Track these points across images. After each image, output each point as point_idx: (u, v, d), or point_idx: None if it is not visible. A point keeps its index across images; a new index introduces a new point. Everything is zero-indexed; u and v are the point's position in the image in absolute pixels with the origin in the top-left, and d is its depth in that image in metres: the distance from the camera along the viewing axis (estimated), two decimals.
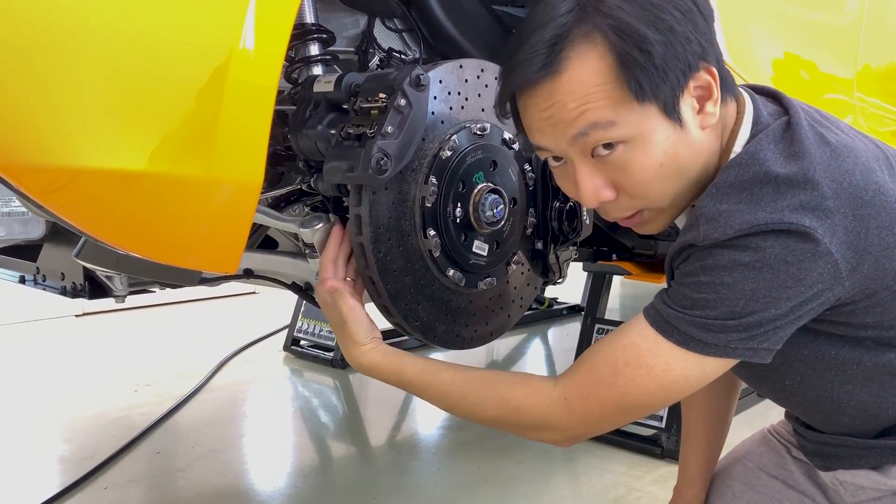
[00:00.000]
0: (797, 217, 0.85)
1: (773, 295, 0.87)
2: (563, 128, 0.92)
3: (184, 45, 0.89)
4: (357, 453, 2.47)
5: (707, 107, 0.93)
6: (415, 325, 1.20)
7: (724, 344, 0.90)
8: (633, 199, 0.97)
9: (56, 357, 3.59)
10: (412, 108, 1.09)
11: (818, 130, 0.93)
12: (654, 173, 0.93)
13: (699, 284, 0.90)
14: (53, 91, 0.83)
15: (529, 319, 4.08)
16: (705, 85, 0.92)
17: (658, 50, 0.87)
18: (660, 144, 0.92)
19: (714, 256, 0.89)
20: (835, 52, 2.29)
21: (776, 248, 0.86)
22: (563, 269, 1.42)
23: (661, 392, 0.94)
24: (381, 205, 1.12)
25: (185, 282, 1.30)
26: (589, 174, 0.95)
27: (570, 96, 0.89)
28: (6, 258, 1.68)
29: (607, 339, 0.98)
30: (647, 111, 0.89)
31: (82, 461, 2.27)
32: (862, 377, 0.99)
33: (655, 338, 0.92)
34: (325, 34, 1.22)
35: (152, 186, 0.88)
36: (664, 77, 0.88)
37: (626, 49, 0.87)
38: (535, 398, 0.99)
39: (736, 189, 0.90)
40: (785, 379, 1.03)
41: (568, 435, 1.01)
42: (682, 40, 0.88)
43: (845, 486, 1.12)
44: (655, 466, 2.27)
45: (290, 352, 3.47)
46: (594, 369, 0.96)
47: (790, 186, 0.87)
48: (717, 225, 0.88)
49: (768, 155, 0.91)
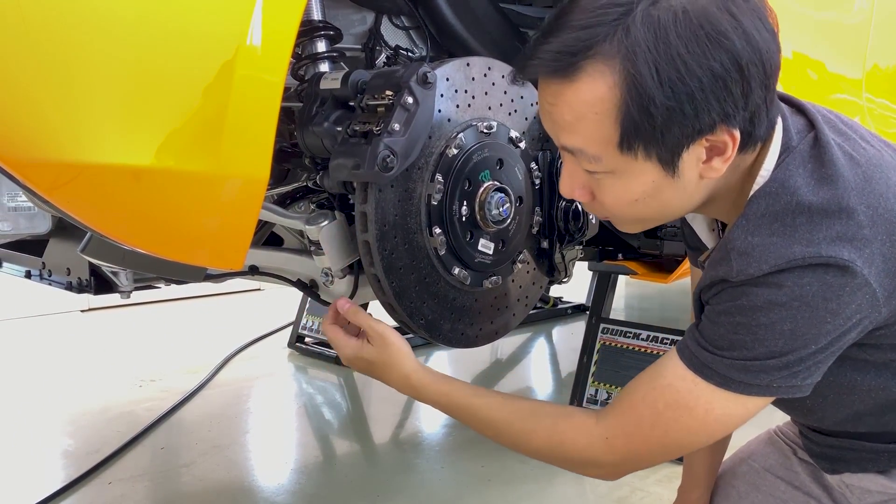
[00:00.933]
0: (835, 250, 0.82)
1: (812, 332, 0.84)
2: (556, 131, 0.91)
3: (191, 41, 0.89)
4: (361, 450, 2.47)
5: (714, 161, 0.87)
6: (420, 323, 1.19)
7: (765, 384, 0.88)
8: (604, 212, 0.97)
9: (61, 352, 3.60)
10: (419, 106, 1.09)
11: (845, 149, 0.90)
12: (627, 207, 0.92)
13: (735, 325, 0.87)
14: (60, 86, 0.83)
15: (534, 318, 4.07)
16: (720, 143, 0.86)
17: (661, 113, 0.81)
18: (641, 186, 0.89)
19: (748, 296, 0.85)
20: (843, 51, 2.27)
21: (814, 284, 0.83)
22: (568, 269, 1.41)
23: (703, 431, 0.92)
24: (386, 202, 1.12)
25: (190, 278, 1.30)
26: (570, 172, 0.94)
27: (568, 108, 0.86)
28: (12, 253, 1.68)
29: (644, 378, 0.96)
30: (636, 158, 0.86)
31: (87, 456, 2.27)
32: (884, 399, 0.97)
33: (694, 379, 0.90)
34: (333, 31, 1.22)
35: (158, 182, 0.88)
36: (660, 139, 0.83)
37: (629, 101, 0.82)
38: (577, 434, 0.98)
39: (767, 220, 0.86)
40: (805, 400, 0.98)
41: (613, 472, 1.00)
42: (698, 106, 0.81)
43: (851, 490, 1.11)
44: (660, 467, 2.25)
45: (294, 349, 3.47)
46: (634, 411, 0.95)
47: (824, 216, 0.84)
48: (751, 260, 0.85)
49: (799, 182, 0.87)
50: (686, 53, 0.80)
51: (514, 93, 1.29)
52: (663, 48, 0.80)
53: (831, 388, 0.97)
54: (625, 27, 0.81)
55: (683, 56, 0.80)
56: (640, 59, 0.80)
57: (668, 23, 0.80)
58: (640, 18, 0.81)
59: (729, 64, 0.81)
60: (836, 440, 1.09)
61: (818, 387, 0.95)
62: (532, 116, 1.33)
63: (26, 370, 3.25)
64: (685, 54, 0.80)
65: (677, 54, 0.80)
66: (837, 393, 0.98)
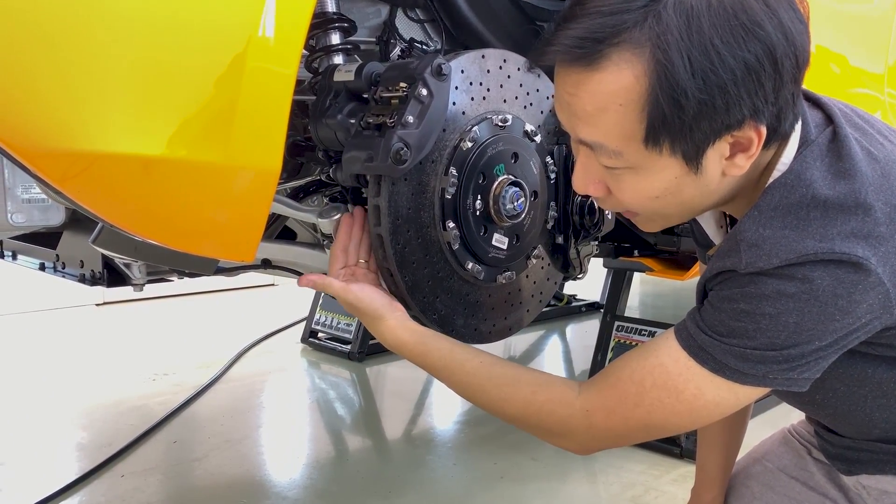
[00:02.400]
0: (849, 246, 0.80)
1: (818, 328, 0.82)
2: (575, 123, 0.86)
3: (202, 32, 0.88)
4: (373, 446, 2.47)
5: (738, 158, 0.84)
6: (433, 318, 1.18)
7: (761, 374, 0.86)
8: (621, 207, 0.93)
9: (75, 345, 3.62)
10: (433, 98, 1.08)
11: (863, 144, 0.87)
12: (647, 202, 0.89)
13: (738, 312, 0.85)
14: (72, 76, 0.83)
15: (547, 316, 4.06)
16: (745, 139, 0.83)
17: (692, 107, 0.78)
18: (664, 181, 0.86)
19: (756, 284, 0.83)
20: (865, 45, 2.24)
21: (825, 279, 0.80)
22: (583, 265, 1.40)
23: (688, 416, 0.90)
24: (400, 196, 1.11)
25: (202, 270, 1.30)
26: (585, 167, 0.90)
27: (591, 98, 0.82)
28: (26, 245, 1.69)
29: (635, 354, 0.94)
30: (661, 154, 0.83)
31: (100, 449, 2.28)
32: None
33: (687, 362, 0.88)
34: (347, 23, 1.21)
35: (170, 172, 0.88)
36: (688, 134, 0.80)
37: (659, 92, 0.78)
38: (556, 405, 0.96)
39: (780, 213, 0.84)
40: (815, 394, 0.97)
41: (586, 446, 0.98)
42: (730, 101, 0.78)
43: (869, 491, 1.09)
44: (674, 466, 2.24)
45: (307, 344, 3.47)
46: (619, 386, 0.92)
47: (840, 211, 0.81)
48: (762, 252, 0.83)
49: (815, 175, 0.84)
50: (720, 43, 0.76)
51: (529, 86, 1.28)
52: (696, 37, 0.76)
53: (841, 380, 0.95)
54: (655, 13, 0.77)
55: (717, 46, 0.76)
56: (672, 47, 0.76)
57: (702, 10, 0.76)
58: (671, 4, 0.77)
59: (763, 56, 0.78)
60: (852, 441, 1.07)
61: (828, 380, 0.93)
62: (548, 110, 1.32)
63: (41, 363, 3.27)
64: (719, 44, 0.76)
65: (711, 44, 0.76)
66: (848, 386, 0.95)
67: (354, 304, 1.08)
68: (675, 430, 0.93)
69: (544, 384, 0.99)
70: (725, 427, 1.33)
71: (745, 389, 0.88)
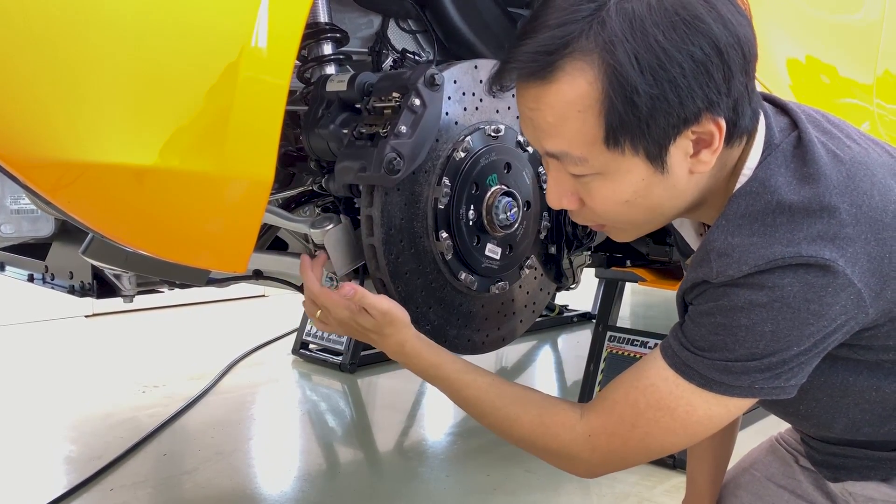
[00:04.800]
0: (815, 249, 0.81)
1: (794, 334, 0.83)
2: (539, 136, 0.89)
3: (195, 42, 0.88)
4: (365, 458, 2.45)
5: (702, 154, 0.86)
6: (426, 328, 1.18)
7: (747, 385, 0.87)
8: (596, 217, 0.94)
9: (65, 357, 3.59)
10: (426, 108, 1.08)
11: (829, 147, 0.88)
12: (618, 208, 0.90)
13: (716, 326, 0.86)
14: (62, 85, 0.82)
15: (540, 326, 4.06)
16: (707, 134, 0.84)
17: (645, 102, 0.80)
18: (631, 184, 0.87)
19: (729, 296, 0.84)
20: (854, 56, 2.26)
21: (795, 285, 0.81)
22: (576, 275, 1.40)
23: (684, 432, 0.91)
24: (393, 206, 1.11)
25: (193, 281, 1.29)
26: (557, 180, 0.92)
27: (550, 110, 0.85)
28: (15, 256, 1.67)
29: (628, 376, 0.95)
30: (622, 155, 0.85)
31: (89, 462, 2.26)
32: (879, 399, 0.96)
33: (676, 380, 0.89)
34: (339, 34, 1.21)
35: (161, 182, 0.87)
36: (646, 130, 0.82)
37: (611, 93, 0.81)
38: (560, 429, 0.97)
39: (748, 220, 0.85)
40: (799, 405, 0.98)
41: (591, 471, 0.99)
42: (681, 95, 0.80)
43: (855, 498, 1.09)
44: (667, 477, 2.24)
45: (298, 355, 3.46)
46: (616, 409, 0.94)
47: (806, 215, 0.82)
48: (731, 261, 0.84)
49: (780, 181, 0.86)
50: (664, 40, 0.79)
51: None
52: (641, 37, 0.79)
53: (823, 390, 0.95)
54: (600, 20, 0.81)
55: (662, 43, 0.79)
56: (618, 49, 0.79)
57: (643, 12, 0.80)
58: (614, 11, 0.80)
59: (709, 48, 0.80)
60: (837, 448, 1.08)
61: (811, 390, 0.94)
62: None
63: (30, 375, 3.25)
64: (664, 41, 0.79)
65: (656, 42, 0.79)
66: (830, 395, 0.96)
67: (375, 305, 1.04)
68: (673, 448, 0.94)
69: (550, 406, 1.00)
70: (714, 440, 1.33)
71: (735, 401, 0.89)
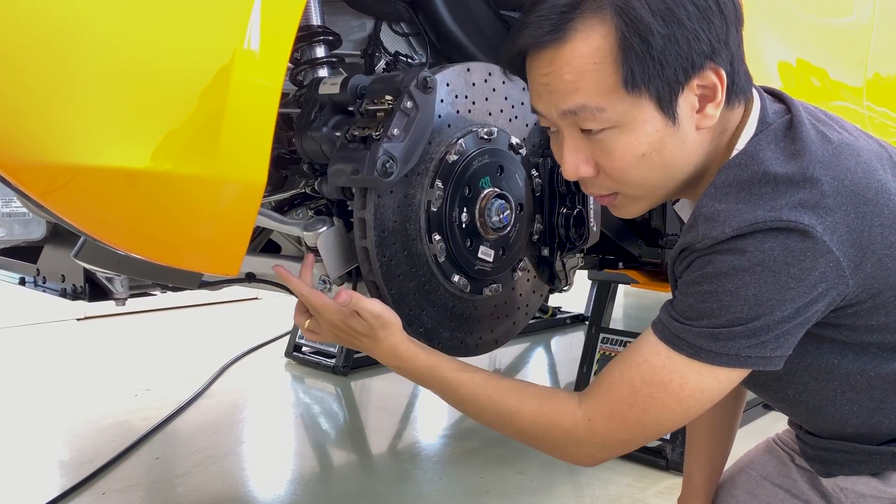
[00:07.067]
0: (795, 215, 0.84)
1: (776, 297, 0.86)
2: (556, 99, 0.92)
3: (187, 44, 0.88)
4: (358, 461, 2.45)
5: (707, 108, 0.92)
6: (419, 331, 1.18)
7: (734, 353, 0.89)
8: (611, 182, 0.97)
9: (57, 361, 3.57)
10: (419, 111, 1.08)
11: (820, 129, 0.93)
12: (634, 162, 0.93)
13: (702, 294, 0.89)
14: (54, 88, 0.82)
15: (533, 328, 4.06)
16: (710, 86, 0.91)
17: (658, 41, 0.86)
18: (646, 136, 0.91)
19: (714, 263, 0.88)
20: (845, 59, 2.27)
21: (775, 249, 0.85)
22: (569, 277, 1.40)
23: (680, 407, 0.93)
24: (385, 208, 1.11)
25: (186, 284, 1.28)
26: (573, 148, 0.96)
27: (567, 68, 0.89)
28: (6, 259, 1.67)
29: (622, 357, 0.97)
30: (639, 101, 0.89)
31: (81, 465, 2.25)
32: (865, 386, 0.98)
33: (668, 353, 0.92)
34: (332, 36, 1.21)
35: (153, 185, 0.87)
36: (660, 70, 0.87)
37: (627, 34, 0.86)
38: (561, 416, 0.98)
39: (735, 189, 0.89)
40: (787, 388, 1.02)
41: (594, 456, 1.00)
42: (689, 36, 0.87)
43: (846, 493, 1.11)
44: (660, 478, 2.24)
45: (291, 358, 3.45)
46: (613, 389, 0.95)
47: (789, 185, 0.87)
48: (716, 224, 0.88)
49: (768, 155, 0.90)
50: None
51: (514, 99, 1.28)
52: None
53: (810, 372, 0.98)
54: None
55: None
56: None
57: None
58: None
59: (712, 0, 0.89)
60: (828, 442, 1.09)
61: (798, 372, 0.98)
62: (533, 123, 1.32)
63: (21, 379, 3.23)
64: None
65: None
66: (817, 379, 0.99)
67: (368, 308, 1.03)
68: (670, 425, 0.95)
69: (548, 396, 1.01)
70: (712, 436, 1.35)
71: (724, 372, 0.91)
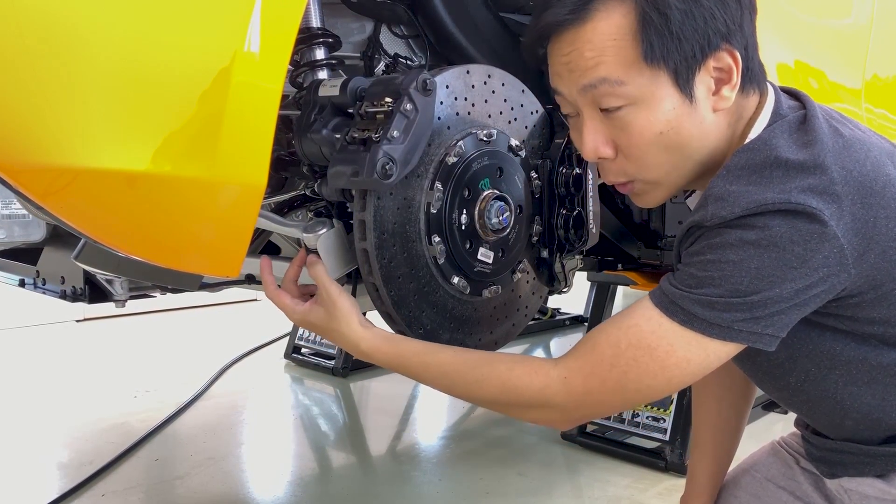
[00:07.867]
0: (804, 198, 0.86)
1: (777, 274, 0.87)
2: (577, 76, 0.95)
3: (187, 46, 0.88)
4: (358, 462, 2.45)
5: (723, 90, 0.95)
6: (418, 332, 1.18)
7: (727, 325, 0.89)
8: (629, 164, 0.99)
9: (56, 362, 3.57)
10: (418, 113, 1.08)
11: (833, 125, 0.95)
12: (653, 139, 0.95)
13: (705, 263, 0.90)
14: (54, 90, 0.82)
15: (532, 330, 4.06)
16: (725, 67, 0.94)
17: (676, 16, 0.90)
18: (664, 113, 0.94)
19: (721, 235, 0.89)
20: (843, 60, 2.27)
21: (783, 227, 0.86)
22: (568, 278, 1.40)
23: (662, 375, 0.92)
24: (385, 210, 1.11)
25: (186, 286, 1.28)
26: (592, 129, 0.98)
27: (588, 45, 0.93)
28: (6, 261, 1.67)
29: (612, 320, 0.98)
30: (657, 77, 0.92)
31: (81, 467, 2.25)
32: (866, 378, 0.99)
33: (660, 318, 0.92)
34: (331, 38, 1.21)
35: (154, 187, 0.87)
36: (678, 45, 0.91)
37: (647, 9, 0.90)
38: (533, 376, 0.98)
39: (746, 171, 0.91)
40: (789, 376, 1.03)
41: (566, 415, 0.99)
42: (705, 14, 0.91)
43: (850, 495, 1.11)
44: (659, 480, 2.25)
45: (290, 359, 3.45)
46: (596, 349, 0.96)
47: (800, 171, 0.89)
48: (725, 204, 0.89)
49: (780, 142, 0.92)
50: None
51: (514, 101, 1.28)
52: None
53: (811, 359, 0.99)
54: None
55: None
56: None
57: None
58: None
59: None
60: (834, 443, 1.10)
61: (799, 359, 0.99)
62: (532, 125, 1.32)
63: (21, 380, 3.23)
64: None
65: None
66: (818, 366, 0.99)
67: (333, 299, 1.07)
68: (650, 393, 0.95)
69: (520, 361, 1.01)
70: (719, 435, 1.35)
71: (714, 344, 0.91)
